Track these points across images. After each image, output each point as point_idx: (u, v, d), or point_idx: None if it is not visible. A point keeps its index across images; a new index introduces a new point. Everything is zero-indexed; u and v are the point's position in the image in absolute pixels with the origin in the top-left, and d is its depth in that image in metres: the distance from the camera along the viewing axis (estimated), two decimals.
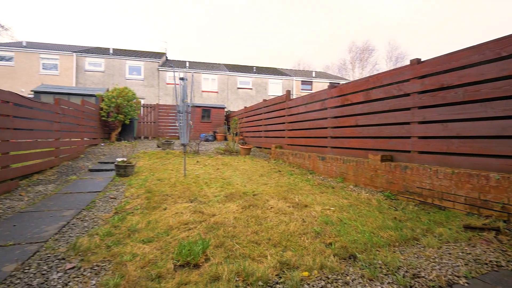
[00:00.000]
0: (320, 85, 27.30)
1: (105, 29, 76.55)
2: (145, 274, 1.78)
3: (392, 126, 4.25)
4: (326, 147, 5.91)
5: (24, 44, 22.23)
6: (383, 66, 43.53)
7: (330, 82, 27.63)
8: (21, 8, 63.33)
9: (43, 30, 66.34)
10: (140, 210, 3.18)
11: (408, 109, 3.98)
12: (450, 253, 2.07)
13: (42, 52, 21.04)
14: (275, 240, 2.27)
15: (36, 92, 11.66)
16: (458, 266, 1.88)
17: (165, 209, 3.17)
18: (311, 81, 27.38)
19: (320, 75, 29.80)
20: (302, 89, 26.97)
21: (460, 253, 2.06)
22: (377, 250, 2.13)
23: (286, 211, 3.05)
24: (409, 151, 3.96)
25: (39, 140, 5.23)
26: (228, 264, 1.87)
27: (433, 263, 1.93)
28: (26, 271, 1.87)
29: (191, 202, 3.48)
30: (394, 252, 2.13)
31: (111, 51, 23.46)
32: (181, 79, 5.11)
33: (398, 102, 4.17)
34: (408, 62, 4.10)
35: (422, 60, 3.92)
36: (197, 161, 7.08)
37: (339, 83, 27.90)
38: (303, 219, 2.80)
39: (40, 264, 1.96)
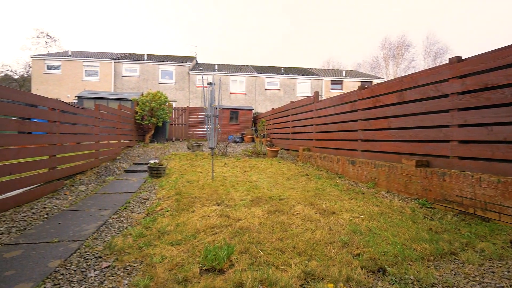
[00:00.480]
0: (350, 84, 26.44)
1: (140, 35, 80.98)
2: (173, 277, 1.85)
3: (429, 130, 3.98)
4: (356, 150, 5.71)
5: (69, 53, 24.27)
6: (421, 62, 41.01)
7: (361, 81, 26.65)
8: (65, 19, 69.33)
9: (85, 38, 71.89)
10: (170, 212, 3.31)
11: (447, 111, 3.71)
12: (493, 272, 1.89)
13: (85, 60, 22.84)
14: (300, 249, 2.23)
15: (80, 98, 12.67)
16: (502, 287, 1.71)
17: (193, 211, 3.27)
18: (341, 81, 26.60)
19: (351, 74, 28.83)
20: (331, 89, 26.33)
21: (506, 273, 1.87)
22: (409, 264, 2.01)
23: (312, 218, 2.99)
24: (447, 156, 3.68)
25: (81, 143, 5.67)
26: (252, 271, 1.88)
27: (473, 282, 1.78)
28: (68, 267, 2.03)
29: (218, 205, 3.55)
30: (428, 267, 1.99)
31: (145, 57, 24.79)
32: (209, 84, 5.25)
33: (435, 104, 3.90)
34: (449, 58, 3.82)
35: (463, 58, 3.62)
36: (225, 163, 7.21)
37: (371, 82, 26.83)
38: (330, 227, 2.73)
39: (80, 261, 2.13)
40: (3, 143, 3.32)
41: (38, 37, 38.55)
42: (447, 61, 3.80)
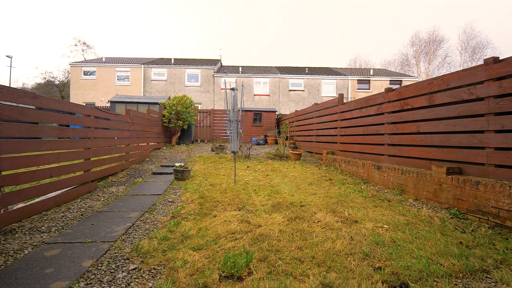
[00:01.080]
0: (378, 83, 25.48)
1: (167, 39, 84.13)
2: (193, 282, 1.93)
3: (461, 135, 3.75)
4: (382, 155, 5.51)
5: (103, 59, 25.80)
6: (456, 58, 38.43)
7: (390, 80, 25.59)
8: (99, 26, 73.83)
9: (117, 44, 76.10)
10: (193, 216, 3.42)
11: (482, 115, 3.47)
12: None
13: (117, 65, 24.17)
14: (319, 259, 2.22)
15: (112, 102, 13.43)
16: None
17: (215, 216, 3.36)
18: (369, 80, 25.70)
19: (379, 72, 27.75)
20: (358, 89, 25.54)
21: None
22: (435, 281, 1.92)
23: (333, 226, 2.95)
24: (482, 164, 3.44)
25: (113, 146, 6.03)
26: (269, 281, 1.91)
27: None
28: (99, 268, 2.19)
29: (239, 210, 3.62)
30: (456, 284, 1.88)
31: (172, 61, 25.71)
32: (232, 89, 5.33)
33: (468, 108, 3.66)
34: (484, 59, 3.58)
35: (500, 59, 3.37)
36: (247, 166, 7.28)
37: (401, 81, 25.66)
38: (351, 236, 2.67)
39: (109, 262, 2.28)
40: (46, 148, 3.63)
41: (75, 45, 41.50)
42: (485, 59, 3.55)
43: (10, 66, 26.13)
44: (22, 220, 3.18)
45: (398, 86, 25.77)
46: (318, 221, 3.13)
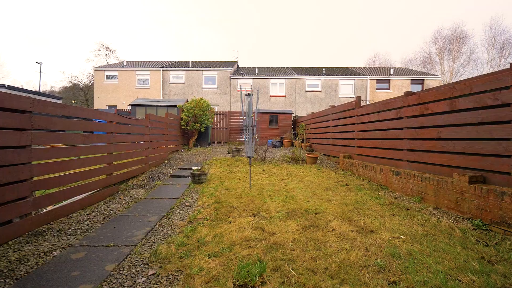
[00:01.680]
0: (399, 83, 24.72)
1: (185, 42, 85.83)
2: None
3: (485, 142, 3.60)
4: (401, 160, 5.38)
5: (124, 64, 26.78)
6: (483, 55, 36.48)
7: (411, 79, 24.76)
8: (120, 31, 76.55)
9: (137, 47, 78.62)
10: (209, 221, 3.51)
11: (508, 122, 3.32)
12: None
13: (137, 69, 25.00)
14: (333, 271, 2.22)
15: (133, 105, 13.93)
16: None
17: (230, 222, 3.43)
18: (389, 80, 24.97)
19: (399, 72, 26.90)
20: (377, 89, 24.90)
21: None
22: None
23: (348, 236, 2.93)
24: (508, 173, 3.29)
25: (134, 150, 6.27)
26: None
27: None
28: (120, 272, 2.31)
29: (254, 216, 3.66)
30: None
31: (190, 64, 26.24)
32: (247, 95, 5.40)
33: (493, 114, 3.51)
34: (510, 63, 3.42)
35: None
36: (263, 170, 7.33)
37: (423, 80, 24.75)
38: (366, 247, 2.65)
39: (130, 267, 2.39)
40: (72, 154, 3.86)
41: (99, 50, 43.44)
42: (511, 63, 3.40)
43: (40, 72, 27.70)
44: (51, 222, 3.40)
45: (420, 85, 24.89)
46: (333, 229, 3.12)
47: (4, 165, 2.70)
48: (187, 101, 14.65)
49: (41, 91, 30.91)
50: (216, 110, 21.30)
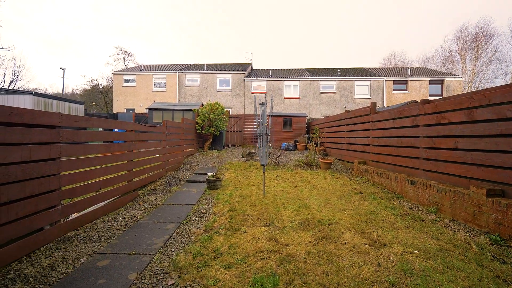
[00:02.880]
0: (417, 83, 24.06)
1: (200, 44, 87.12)
2: None
3: (504, 154, 3.52)
4: (417, 169, 5.31)
5: (142, 67, 27.59)
6: (508, 53, 34.80)
7: (430, 80, 24.05)
8: (138, 35, 78.64)
9: (153, 51, 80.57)
10: (224, 230, 3.63)
11: None
12: None
13: (154, 73, 25.70)
14: (344, 286, 2.27)
15: (150, 109, 14.36)
16: None
17: (244, 232, 3.53)
18: (406, 80, 24.35)
19: (417, 72, 26.16)
20: (394, 90, 24.35)
21: None
22: None
23: (361, 250, 2.96)
24: None
25: (151, 156, 6.51)
26: None
27: None
28: (142, 281, 2.46)
29: (267, 226, 3.75)
30: None
31: (205, 67, 26.69)
32: (261, 104, 5.49)
33: None
34: None
35: None
36: (277, 175, 7.40)
37: (443, 80, 23.99)
38: (378, 262, 2.68)
39: (151, 276, 2.54)
40: (96, 164, 4.09)
41: (118, 54, 44.79)
42: None
43: (63, 77, 29.03)
44: (77, 228, 3.63)
45: (439, 86, 24.13)
46: (345, 242, 3.16)
47: (37, 177, 2.93)
48: (202, 105, 14.95)
49: (63, 93, 32.34)
50: (230, 113, 21.54)
